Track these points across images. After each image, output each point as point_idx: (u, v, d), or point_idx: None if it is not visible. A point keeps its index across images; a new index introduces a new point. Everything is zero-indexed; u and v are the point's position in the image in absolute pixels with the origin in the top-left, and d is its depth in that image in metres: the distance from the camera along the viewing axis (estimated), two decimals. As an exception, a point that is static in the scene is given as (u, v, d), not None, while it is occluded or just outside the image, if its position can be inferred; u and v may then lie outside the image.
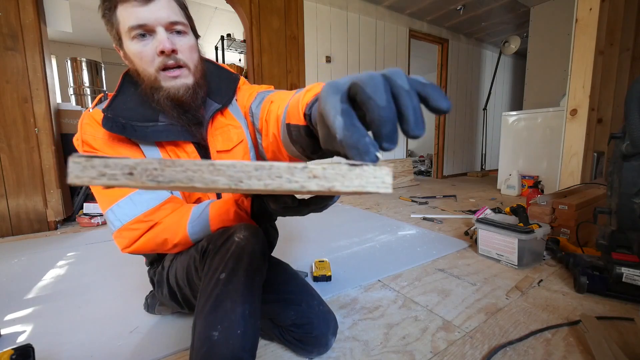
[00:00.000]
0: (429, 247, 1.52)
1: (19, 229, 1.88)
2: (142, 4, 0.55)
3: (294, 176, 0.21)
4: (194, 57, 0.62)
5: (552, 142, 2.84)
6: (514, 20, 4.01)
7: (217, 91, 0.71)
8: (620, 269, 0.99)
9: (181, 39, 0.60)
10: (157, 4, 0.56)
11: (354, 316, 0.94)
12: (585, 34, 1.78)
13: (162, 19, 0.57)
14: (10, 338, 0.86)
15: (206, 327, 0.52)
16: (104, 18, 0.60)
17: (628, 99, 0.93)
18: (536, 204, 1.59)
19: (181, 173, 0.20)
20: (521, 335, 0.83)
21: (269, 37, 2.74)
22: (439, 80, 4.30)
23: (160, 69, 0.59)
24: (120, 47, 0.61)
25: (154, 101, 0.63)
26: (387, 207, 2.53)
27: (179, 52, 0.59)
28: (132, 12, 0.56)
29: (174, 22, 0.58)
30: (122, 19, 0.57)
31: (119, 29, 0.58)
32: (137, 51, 0.58)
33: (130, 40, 0.58)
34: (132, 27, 0.56)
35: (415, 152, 6.71)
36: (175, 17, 0.58)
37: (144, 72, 0.60)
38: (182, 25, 0.59)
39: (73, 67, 3.82)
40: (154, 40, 0.57)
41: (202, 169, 0.20)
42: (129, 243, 0.63)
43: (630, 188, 0.98)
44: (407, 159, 3.93)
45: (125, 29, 0.57)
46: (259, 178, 0.21)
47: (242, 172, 0.21)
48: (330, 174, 0.22)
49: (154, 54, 0.58)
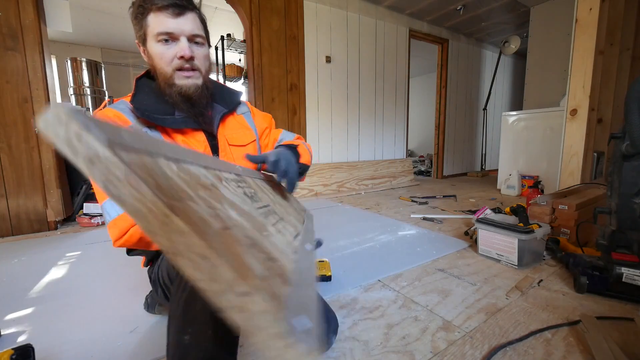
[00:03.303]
0: (429, 247, 1.52)
1: (19, 229, 1.88)
2: (173, 16, 0.66)
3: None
4: (206, 64, 0.74)
5: (552, 142, 2.84)
6: (514, 20, 4.01)
7: (222, 99, 0.84)
8: (620, 269, 1.00)
9: (198, 49, 0.71)
10: (185, 18, 0.67)
11: (354, 316, 0.94)
12: (585, 34, 1.78)
13: (186, 31, 0.68)
14: (10, 338, 0.86)
15: (178, 331, 0.52)
16: (135, 20, 0.69)
17: (628, 99, 0.93)
18: (536, 204, 1.59)
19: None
20: (521, 335, 0.83)
21: (269, 37, 2.74)
22: (439, 80, 4.30)
23: (176, 69, 0.70)
24: (144, 45, 0.71)
25: (167, 95, 0.73)
26: (387, 207, 2.53)
27: (195, 59, 0.71)
28: (163, 21, 0.66)
29: (195, 34, 0.70)
30: (153, 24, 0.67)
31: (147, 31, 0.69)
32: (159, 52, 0.68)
33: (155, 42, 0.68)
34: (160, 32, 0.67)
35: (415, 152, 6.71)
36: (197, 30, 0.70)
37: (162, 69, 0.70)
38: (201, 38, 0.71)
39: (73, 67, 3.83)
40: (176, 46, 0.68)
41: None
42: (120, 234, 0.63)
43: (630, 188, 0.98)
44: (407, 159, 3.93)
45: (154, 33, 0.67)
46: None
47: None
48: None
49: (173, 56, 0.68)
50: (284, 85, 2.87)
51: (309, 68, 3.01)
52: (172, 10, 0.66)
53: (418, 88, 6.66)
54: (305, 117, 3.03)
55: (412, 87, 5.99)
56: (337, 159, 3.35)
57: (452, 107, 4.44)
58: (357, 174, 3.36)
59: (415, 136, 6.70)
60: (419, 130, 6.66)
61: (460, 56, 4.42)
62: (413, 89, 6.29)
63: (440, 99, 4.32)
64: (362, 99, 3.48)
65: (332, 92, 3.22)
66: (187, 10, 0.68)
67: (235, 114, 0.87)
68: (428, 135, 6.08)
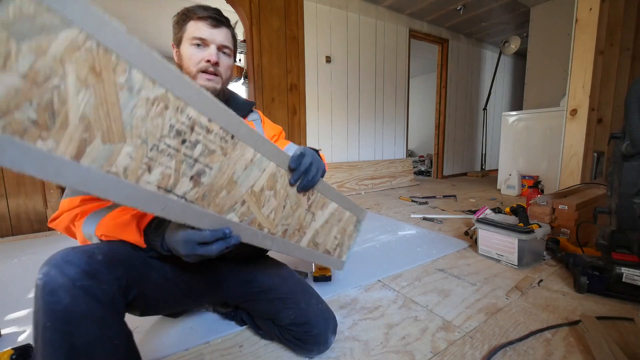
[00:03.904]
0: (429, 247, 1.52)
1: (19, 229, 1.88)
2: (209, 26, 0.75)
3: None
4: (227, 73, 0.81)
5: (552, 142, 2.84)
6: (514, 20, 4.01)
7: (236, 106, 0.88)
8: (620, 269, 1.00)
9: (224, 58, 0.79)
10: (219, 30, 0.76)
11: (354, 316, 0.94)
12: (585, 34, 1.78)
13: (217, 40, 0.76)
14: (10, 338, 0.86)
15: None
16: (176, 24, 0.78)
17: (628, 99, 0.93)
18: (536, 204, 1.59)
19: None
20: (521, 335, 0.83)
21: (269, 37, 2.73)
22: (439, 80, 4.30)
23: (201, 71, 0.76)
24: (178, 46, 0.79)
25: None
26: (387, 207, 2.53)
27: (220, 66, 0.78)
28: (200, 28, 0.75)
29: (225, 45, 0.78)
30: (190, 29, 0.75)
31: (183, 35, 0.77)
32: (190, 54, 0.76)
33: (189, 45, 0.76)
34: (195, 37, 0.75)
35: (415, 152, 6.71)
36: (227, 43, 0.79)
37: (188, 69, 0.77)
38: (229, 49, 0.80)
39: (73, 67, 3.82)
40: (205, 51, 0.76)
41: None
42: (55, 216, 0.66)
43: (630, 188, 0.98)
44: (407, 159, 3.93)
45: (189, 37, 0.75)
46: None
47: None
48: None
49: (201, 59, 0.75)
50: (284, 85, 2.87)
51: (309, 68, 3.01)
52: (210, 21, 0.75)
53: (418, 88, 6.66)
54: (305, 117, 3.03)
55: (412, 87, 5.99)
56: (337, 159, 3.35)
57: (452, 107, 4.44)
58: (357, 174, 3.36)
59: (415, 136, 6.70)
60: (419, 130, 6.66)
61: (460, 56, 4.42)
62: (413, 89, 6.29)
63: (440, 99, 4.32)
64: (362, 99, 3.48)
65: (332, 92, 3.22)
66: (222, 25, 0.78)
67: (245, 120, 0.90)
68: (428, 135, 6.08)
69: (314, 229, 0.74)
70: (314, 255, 0.76)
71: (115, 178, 0.39)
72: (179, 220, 0.47)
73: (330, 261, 0.83)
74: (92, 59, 0.35)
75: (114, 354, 0.50)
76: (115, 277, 0.54)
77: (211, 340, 0.83)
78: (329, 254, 0.82)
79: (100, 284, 0.50)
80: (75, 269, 0.48)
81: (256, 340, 0.84)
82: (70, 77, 0.34)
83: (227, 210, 0.53)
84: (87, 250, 0.53)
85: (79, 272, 0.48)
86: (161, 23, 4.09)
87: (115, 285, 0.53)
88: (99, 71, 0.36)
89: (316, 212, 0.72)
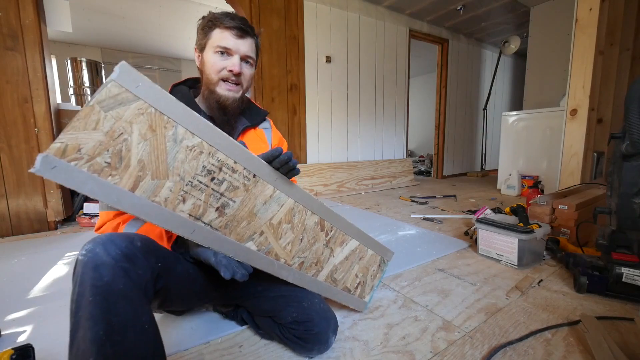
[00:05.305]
0: (429, 247, 1.52)
1: (19, 229, 1.88)
2: (235, 37, 0.77)
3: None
4: (248, 82, 0.85)
5: (552, 142, 2.84)
6: (514, 20, 4.01)
7: (249, 115, 0.93)
8: (620, 269, 1.00)
9: (247, 68, 0.82)
10: (244, 41, 0.79)
11: (354, 316, 0.94)
12: (585, 34, 1.78)
13: (241, 51, 0.79)
14: (10, 338, 0.86)
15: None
16: (201, 30, 0.80)
17: (628, 99, 0.93)
18: (536, 204, 1.59)
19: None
20: (521, 335, 0.83)
21: (269, 37, 2.73)
22: (439, 80, 4.30)
23: (222, 79, 0.79)
24: (201, 52, 0.81)
25: (205, 99, 0.83)
26: (387, 207, 2.53)
27: (242, 76, 0.81)
28: (226, 37, 0.77)
29: (248, 55, 0.80)
30: (216, 37, 0.78)
31: (208, 42, 0.79)
32: (213, 61, 0.78)
33: (213, 52, 0.78)
34: (220, 46, 0.77)
35: (415, 152, 6.71)
36: (251, 53, 0.81)
37: (209, 75, 0.79)
38: (252, 59, 0.83)
39: (73, 67, 3.82)
40: (229, 60, 0.78)
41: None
42: (98, 225, 0.72)
43: (630, 188, 0.98)
44: (407, 159, 3.94)
45: (214, 45, 0.77)
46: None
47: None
48: None
49: (223, 67, 0.78)
50: (284, 85, 2.87)
51: (309, 68, 3.01)
52: (236, 32, 0.77)
53: (418, 88, 6.66)
54: (305, 117, 3.03)
55: (412, 87, 5.99)
56: (337, 159, 3.35)
57: (452, 107, 4.44)
58: (357, 174, 3.36)
59: (415, 136, 6.70)
60: (419, 130, 6.66)
61: (460, 56, 4.43)
62: (413, 89, 6.29)
63: (440, 99, 4.32)
64: (362, 99, 3.48)
65: (332, 92, 3.22)
66: (247, 36, 0.79)
67: (256, 128, 0.94)
68: (428, 135, 6.08)
69: (332, 264, 0.77)
70: (332, 292, 0.80)
71: (158, 206, 0.51)
72: (204, 244, 0.56)
73: (350, 300, 0.86)
74: (151, 120, 0.48)
75: (143, 337, 0.51)
76: (150, 265, 0.56)
77: (211, 340, 0.83)
78: (348, 292, 0.84)
79: (137, 268, 0.53)
80: (117, 250, 0.51)
81: (256, 340, 0.84)
82: (135, 133, 0.47)
83: (246, 239, 0.62)
84: (128, 236, 0.56)
85: (119, 254, 0.51)
86: (161, 23, 4.09)
87: (148, 273, 0.55)
88: (154, 128, 0.49)
89: (335, 248, 0.77)
